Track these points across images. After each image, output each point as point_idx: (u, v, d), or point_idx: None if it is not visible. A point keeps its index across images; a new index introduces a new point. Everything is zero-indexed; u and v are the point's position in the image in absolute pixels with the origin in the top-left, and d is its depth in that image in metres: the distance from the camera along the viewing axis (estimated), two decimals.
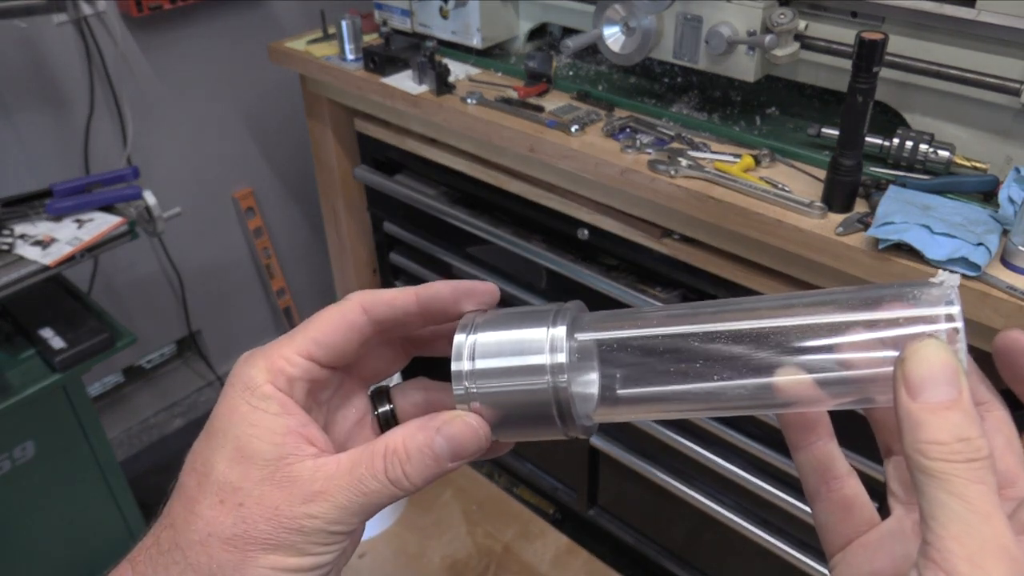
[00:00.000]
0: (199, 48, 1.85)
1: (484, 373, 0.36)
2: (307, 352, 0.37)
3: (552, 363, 0.35)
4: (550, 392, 0.35)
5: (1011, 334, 0.33)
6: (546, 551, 1.64)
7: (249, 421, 0.35)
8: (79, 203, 1.31)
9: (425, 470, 0.35)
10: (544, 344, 0.36)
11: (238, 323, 2.26)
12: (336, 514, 0.34)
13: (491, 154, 1.30)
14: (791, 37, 1.04)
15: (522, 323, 0.37)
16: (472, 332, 0.37)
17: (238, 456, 0.35)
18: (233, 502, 0.34)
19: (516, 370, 0.36)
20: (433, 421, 0.36)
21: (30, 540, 1.42)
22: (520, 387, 0.36)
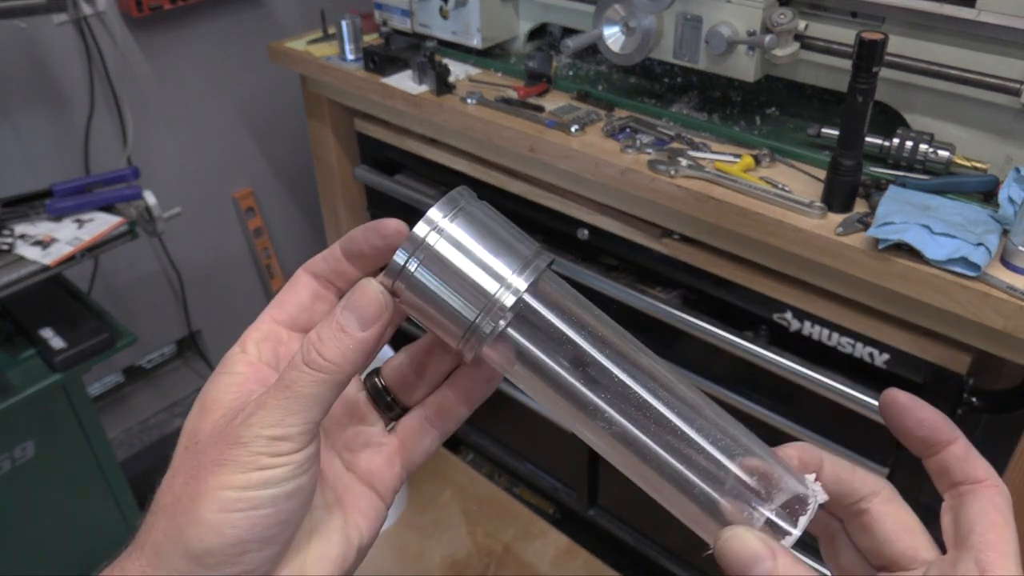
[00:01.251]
0: (199, 48, 1.85)
1: (438, 262, 0.36)
2: (268, 317, 0.41)
3: (499, 304, 0.36)
4: (470, 323, 0.36)
5: (890, 393, 0.37)
6: (546, 551, 1.64)
7: (216, 384, 0.38)
8: (79, 203, 1.31)
9: (339, 344, 0.36)
10: (501, 281, 0.36)
11: (238, 323, 2.23)
12: (269, 416, 0.34)
13: (491, 154, 1.30)
14: (791, 37, 1.04)
15: (498, 241, 0.37)
16: (451, 217, 0.37)
17: (202, 411, 0.38)
18: (192, 442, 0.37)
19: (462, 283, 0.36)
20: (340, 301, 0.38)
21: (30, 540, 1.42)
22: (452, 299, 0.36)
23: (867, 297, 0.97)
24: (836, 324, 1.02)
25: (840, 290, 0.99)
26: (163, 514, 0.35)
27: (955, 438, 0.36)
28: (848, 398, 1.01)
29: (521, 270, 0.36)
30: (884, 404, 0.37)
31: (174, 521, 0.35)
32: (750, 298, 1.09)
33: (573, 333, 0.37)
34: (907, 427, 0.37)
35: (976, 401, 0.97)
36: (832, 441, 1.09)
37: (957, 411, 0.98)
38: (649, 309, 1.19)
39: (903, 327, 0.96)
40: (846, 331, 1.02)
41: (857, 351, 1.02)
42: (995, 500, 0.35)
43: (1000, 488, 0.35)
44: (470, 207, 0.38)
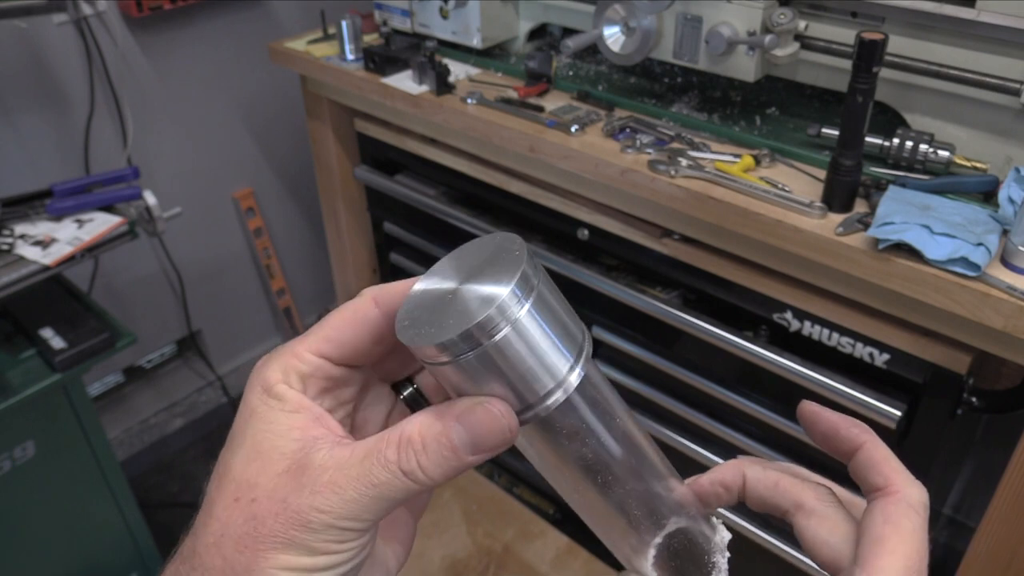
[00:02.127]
0: (199, 48, 1.85)
1: (504, 351, 0.32)
2: (318, 349, 0.36)
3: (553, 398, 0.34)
4: (522, 408, 0.34)
5: (805, 405, 0.38)
6: (546, 551, 1.64)
7: (265, 419, 0.34)
8: (79, 203, 1.31)
9: (443, 462, 0.33)
10: (561, 375, 0.34)
11: (238, 323, 2.26)
12: (345, 508, 0.32)
13: (491, 154, 1.30)
14: (791, 37, 1.04)
15: (560, 330, 0.34)
16: (526, 298, 0.32)
17: (254, 453, 0.33)
18: (247, 498, 0.33)
19: (523, 373, 0.33)
20: (453, 408, 0.33)
21: (30, 540, 1.42)
22: (511, 385, 0.33)
23: (867, 297, 0.97)
24: (836, 324, 1.02)
25: (840, 290, 0.99)
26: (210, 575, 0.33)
27: (860, 443, 0.36)
28: (848, 398, 1.01)
29: (574, 364, 0.34)
30: (799, 415, 0.38)
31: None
32: (750, 298, 1.09)
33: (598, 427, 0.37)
34: (818, 433, 0.37)
35: (976, 401, 0.97)
36: None
37: (957, 411, 0.98)
38: (649, 309, 1.19)
39: (903, 327, 0.96)
40: (846, 331, 1.02)
41: (857, 351, 1.02)
42: (887, 510, 0.33)
43: (900, 495, 0.34)
44: (541, 285, 0.34)
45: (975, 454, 1.21)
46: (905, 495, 0.34)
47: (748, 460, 0.40)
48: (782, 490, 0.38)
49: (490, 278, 0.33)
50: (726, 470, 0.40)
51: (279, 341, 2.31)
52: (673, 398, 1.28)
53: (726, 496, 0.40)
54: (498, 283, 0.32)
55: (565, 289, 1.33)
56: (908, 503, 0.33)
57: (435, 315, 0.33)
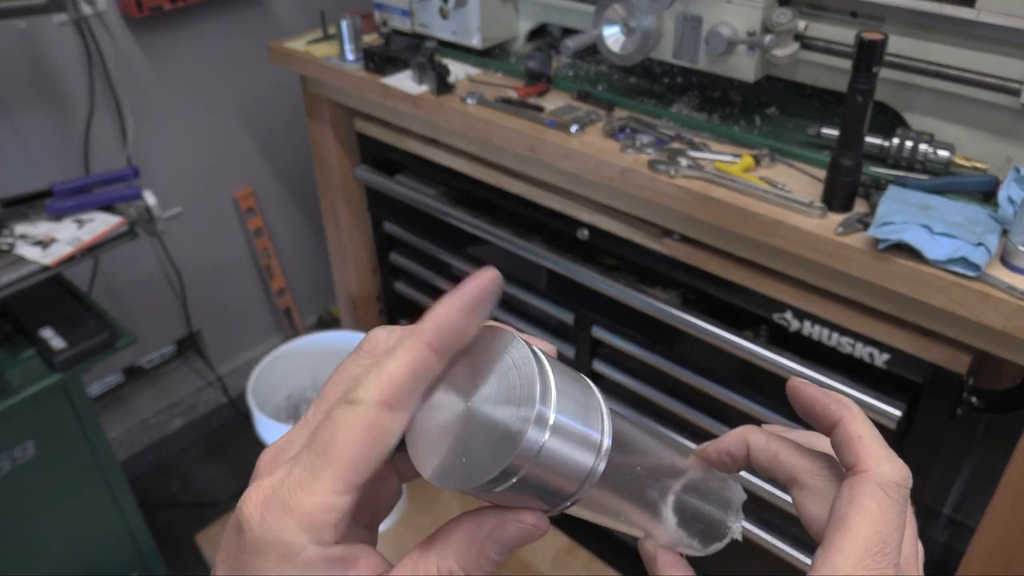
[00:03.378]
0: (199, 48, 1.85)
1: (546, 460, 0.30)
2: (345, 485, 0.29)
3: (593, 472, 0.32)
4: (567, 496, 0.32)
5: (791, 381, 0.38)
6: (546, 551, 1.64)
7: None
8: (79, 203, 1.31)
9: (484, 570, 0.32)
10: (596, 450, 0.32)
11: (238, 323, 2.26)
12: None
13: (491, 154, 1.30)
14: (791, 37, 1.04)
15: (582, 412, 0.32)
16: (548, 399, 0.30)
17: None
18: None
19: (567, 468, 0.31)
20: (482, 528, 0.31)
21: (30, 540, 1.42)
22: (556, 483, 0.31)
23: (867, 297, 0.97)
24: (836, 324, 1.02)
25: (840, 290, 0.99)
26: None
27: (836, 419, 0.35)
28: (848, 398, 1.01)
29: (600, 443, 0.32)
30: (788, 392, 0.38)
31: None
32: (750, 298, 1.09)
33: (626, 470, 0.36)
34: (800, 409, 0.38)
35: (976, 401, 0.97)
36: None
37: (957, 411, 0.98)
38: (649, 309, 1.19)
39: (903, 327, 0.96)
40: (846, 331, 1.02)
41: (857, 351, 1.02)
42: (853, 490, 0.32)
43: (868, 474, 0.32)
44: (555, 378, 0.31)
45: (975, 454, 1.21)
46: (874, 474, 0.33)
47: (754, 428, 0.39)
48: (780, 462, 0.37)
49: (503, 395, 0.30)
50: (731, 439, 0.39)
51: (279, 341, 2.31)
52: (673, 398, 1.28)
53: (732, 464, 0.40)
54: (519, 403, 0.29)
55: (565, 288, 1.33)
56: (876, 482, 0.32)
57: (456, 444, 0.30)
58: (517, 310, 1.48)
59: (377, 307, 1.84)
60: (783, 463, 0.37)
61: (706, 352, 1.17)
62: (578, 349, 1.38)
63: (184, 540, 1.82)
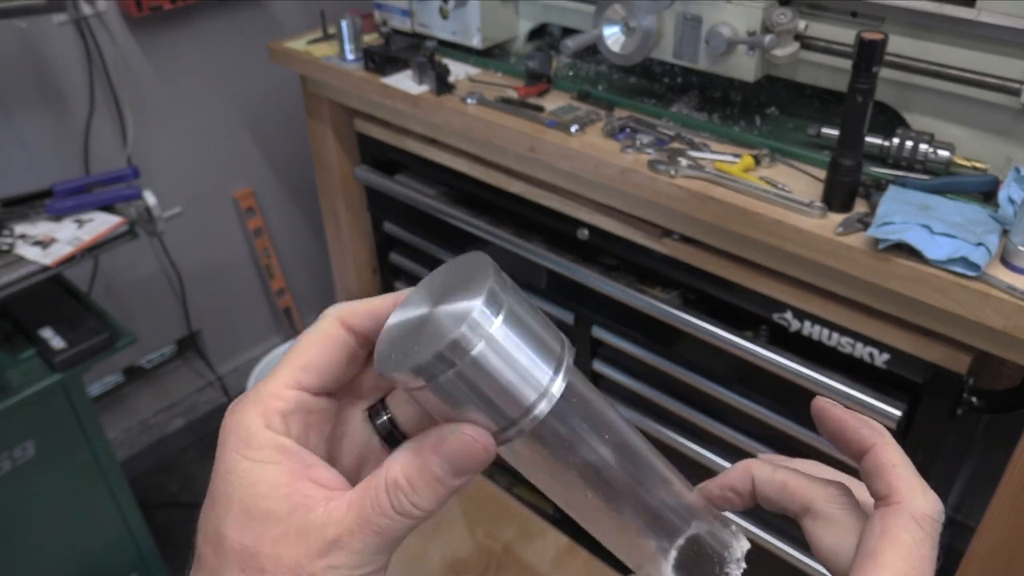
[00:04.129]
0: (199, 48, 1.85)
1: (481, 368, 0.32)
2: (295, 381, 0.35)
3: (538, 411, 0.33)
4: (506, 423, 0.33)
5: (817, 401, 0.36)
6: (546, 551, 1.64)
7: (250, 479, 0.33)
8: (79, 203, 1.31)
9: (432, 495, 0.33)
10: (542, 385, 0.33)
11: (238, 323, 2.26)
12: (356, 559, 0.33)
13: (491, 154, 1.30)
14: (791, 37, 1.04)
15: (536, 342, 0.33)
16: (497, 313, 0.32)
17: (246, 519, 0.33)
18: (254, 568, 0.32)
19: (504, 388, 0.33)
20: (428, 440, 0.33)
21: (30, 540, 1.42)
22: (491, 402, 0.33)
23: (867, 297, 0.97)
24: (836, 324, 1.02)
25: (840, 290, 0.99)
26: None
27: (868, 445, 0.34)
28: (848, 398, 1.01)
29: (554, 375, 0.34)
30: (812, 411, 0.36)
31: None
32: (750, 298, 1.09)
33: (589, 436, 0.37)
34: (827, 431, 0.36)
35: (976, 401, 0.97)
36: None
37: (957, 411, 0.98)
38: (649, 309, 1.19)
39: (903, 327, 0.96)
40: (846, 331, 1.02)
41: (857, 351, 1.02)
42: (885, 521, 0.31)
43: (902, 506, 0.32)
44: (513, 301, 0.33)
45: (975, 454, 1.21)
46: (908, 506, 0.31)
47: (757, 461, 0.38)
48: (791, 491, 0.36)
49: (460, 298, 0.33)
50: (735, 474, 0.38)
51: (279, 341, 2.31)
52: (673, 398, 1.28)
53: (738, 501, 0.38)
54: (468, 301, 0.32)
55: (565, 288, 1.33)
56: (910, 515, 0.31)
57: (410, 342, 0.33)
58: None
59: None
60: (794, 492, 0.36)
61: (706, 352, 1.16)
62: (578, 349, 1.38)
63: (184, 540, 1.81)
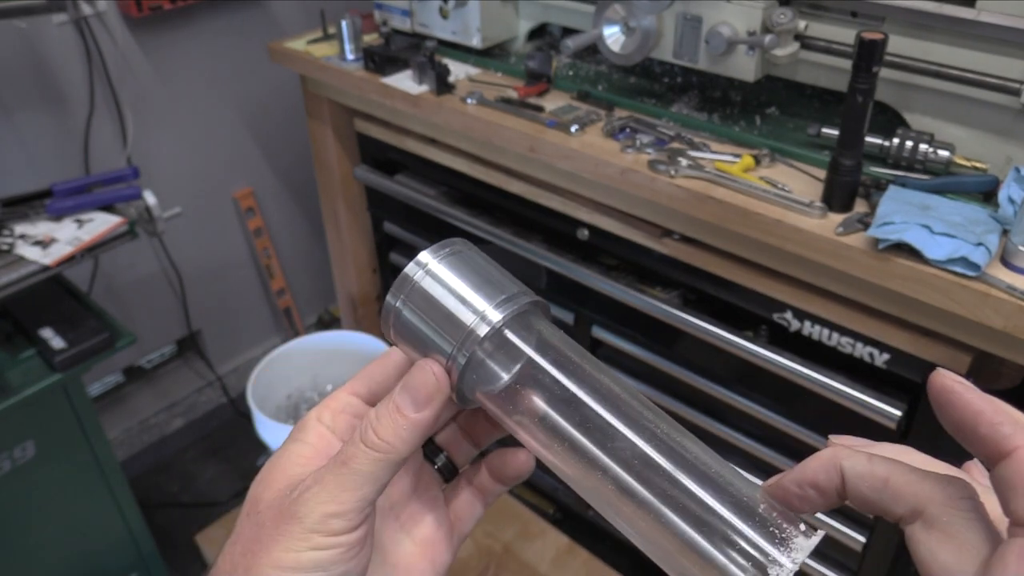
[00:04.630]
0: (199, 48, 1.85)
1: (420, 296, 0.38)
2: (351, 389, 0.41)
3: (471, 330, 0.37)
4: (450, 353, 0.37)
5: (938, 379, 0.28)
6: (546, 551, 1.64)
7: (288, 451, 0.39)
8: (79, 203, 1.31)
9: (394, 424, 0.36)
10: (479, 312, 0.37)
11: (238, 323, 2.26)
12: (327, 497, 0.35)
13: (491, 154, 1.30)
14: (791, 37, 1.04)
15: (479, 280, 0.38)
16: (440, 258, 0.38)
17: (268, 477, 0.38)
18: (254, 511, 0.37)
19: (442, 314, 0.38)
20: (392, 369, 0.40)
21: (30, 540, 1.42)
22: (434, 329, 0.38)
23: (867, 297, 0.97)
24: (836, 324, 1.02)
25: (840, 290, 0.99)
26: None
27: (1009, 448, 0.26)
28: (848, 398, 1.01)
29: (500, 305, 0.37)
30: (930, 389, 0.28)
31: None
32: (750, 298, 1.09)
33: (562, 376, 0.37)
34: (951, 421, 0.28)
35: None
36: None
37: None
38: (649, 309, 1.19)
39: (903, 327, 0.96)
40: (846, 331, 1.02)
41: (857, 351, 1.02)
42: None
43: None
44: (464, 251, 0.39)
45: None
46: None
47: (847, 450, 0.30)
48: (894, 490, 0.28)
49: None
50: (817, 467, 0.30)
51: (279, 341, 2.31)
52: (673, 398, 1.28)
53: (820, 500, 0.30)
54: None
55: (565, 288, 1.33)
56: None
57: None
58: None
59: (377, 307, 1.84)
60: (901, 491, 0.28)
61: (706, 352, 1.17)
62: None
63: (184, 540, 1.82)
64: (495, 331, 0.37)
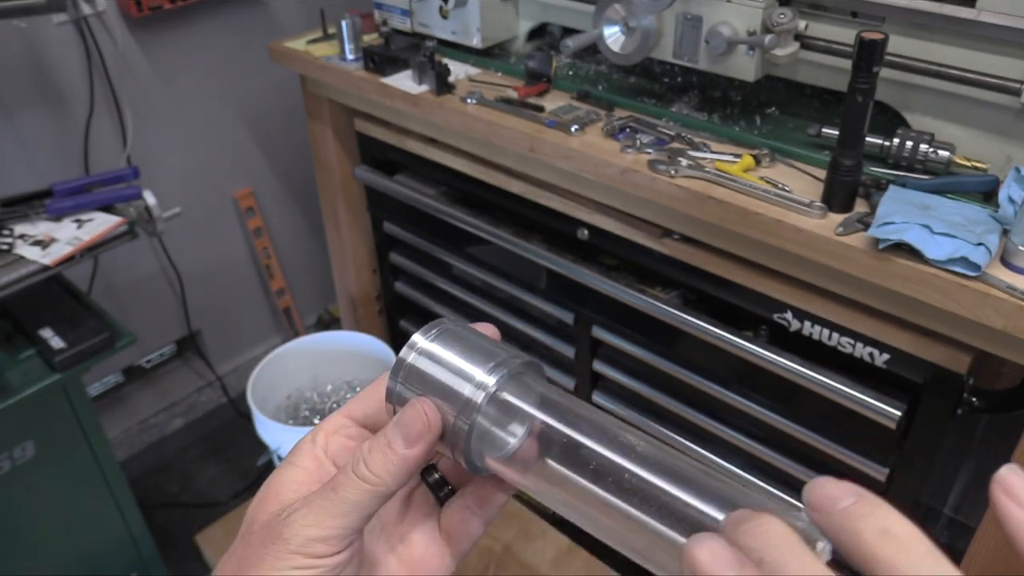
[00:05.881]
0: (199, 48, 1.85)
1: (417, 375, 0.40)
2: (345, 412, 0.43)
3: (468, 398, 0.38)
4: (451, 424, 0.39)
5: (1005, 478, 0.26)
6: (546, 551, 1.64)
7: (284, 474, 0.41)
8: (79, 203, 1.31)
9: (383, 459, 0.38)
10: (473, 379, 0.39)
11: (238, 323, 2.26)
12: (314, 521, 0.36)
13: (491, 154, 1.30)
14: (791, 37, 1.04)
15: (470, 352, 0.40)
16: (431, 338, 0.41)
17: (262, 499, 0.40)
18: (248, 531, 0.39)
19: (440, 387, 0.39)
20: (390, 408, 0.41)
21: (30, 540, 1.42)
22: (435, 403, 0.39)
23: (867, 297, 0.97)
24: (836, 324, 1.02)
25: (840, 290, 0.99)
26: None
27: None
28: (848, 398, 1.01)
29: (492, 370, 0.39)
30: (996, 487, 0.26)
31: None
32: (750, 298, 1.09)
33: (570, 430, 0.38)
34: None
35: (976, 401, 0.97)
36: (832, 441, 1.09)
37: (957, 411, 0.98)
38: (649, 309, 1.19)
39: (903, 327, 0.96)
40: (846, 331, 1.02)
41: (857, 351, 1.02)
42: None
43: None
44: (452, 328, 0.41)
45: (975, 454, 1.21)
46: None
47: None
48: None
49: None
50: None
51: (279, 341, 2.31)
52: (673, 398, 1.28)
53: None
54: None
55: (565, 288, 1.33)
56: None
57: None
58: (517, 310, 1.48)
59: (377, 307, 1.84)
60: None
61: (706, 352, 1.16)
62: (578, 349, 1.38)
63: (184, 540, 1.82)
64: (492, 395, 0.38)
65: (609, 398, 1.40)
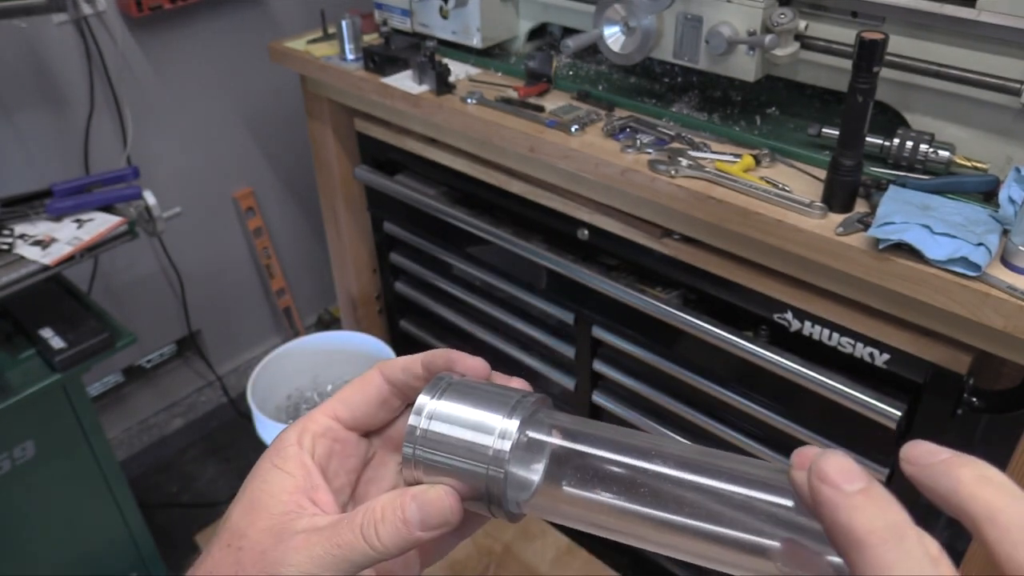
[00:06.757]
0: (199, 48, 1.85)
1: (434, 439, 0.38)
2: (331, 412, 0.42)
3: (496, 449, 0.37)
4: (484, 477, 0.37)
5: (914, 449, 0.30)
6: (546, 551, 1.64)
7: (268, 479, 0.39)
8: (79, 203, 1.31)
9: (395, 533, 0.37)
10: (495, 430, 0.37)
11: (238, 323, 2.26)
12: (310, 565, 0.36)
13: (491, 154, 1.30)
14: (791, 37, 1.04)
15: (483, 402, 0.39)
16: (437, 396, 0.39)
17: (249, 507, 0.39)
18: (235, 546, 0.38)
19: (462, 446, 0.38)
20: (415, 488, 0.38)
21: (30, 540, 1.42)
22: (460, 463, 0.38)
23: (867, 297, 0.97)
24: (836, 324, 1.02)
25: (840, 290, 0.99)
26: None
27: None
28: (848, 398, 1.01)
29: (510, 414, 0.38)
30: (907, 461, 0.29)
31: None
32: (750, 298, 1.09)
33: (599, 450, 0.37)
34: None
35: (976, 401, 0.97)
36: (832, 441, 1.09)
37: (957, 411, 0.98)
38: (649, 309, 1.19)
39: (903, 327, 0.96)
40: (846, 331, 1.02)
41: (857, 351, 1.02)
42: None
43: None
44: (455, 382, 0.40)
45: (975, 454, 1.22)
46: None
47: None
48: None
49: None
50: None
51: (279, 341, 2.31)
52: (673, 398, 1.28)
53: None
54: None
55: (565, 288, 1.33)
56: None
57: None
58: (517, 310, 1.48)
59: (377, 307, 1.84)
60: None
61: (706, 352, 1.16)
62: (578, 349, 1.38)
63: (184, 540, 1.82)
64: (518, 441, 0.37)
65: (609, 398, 1.40)
